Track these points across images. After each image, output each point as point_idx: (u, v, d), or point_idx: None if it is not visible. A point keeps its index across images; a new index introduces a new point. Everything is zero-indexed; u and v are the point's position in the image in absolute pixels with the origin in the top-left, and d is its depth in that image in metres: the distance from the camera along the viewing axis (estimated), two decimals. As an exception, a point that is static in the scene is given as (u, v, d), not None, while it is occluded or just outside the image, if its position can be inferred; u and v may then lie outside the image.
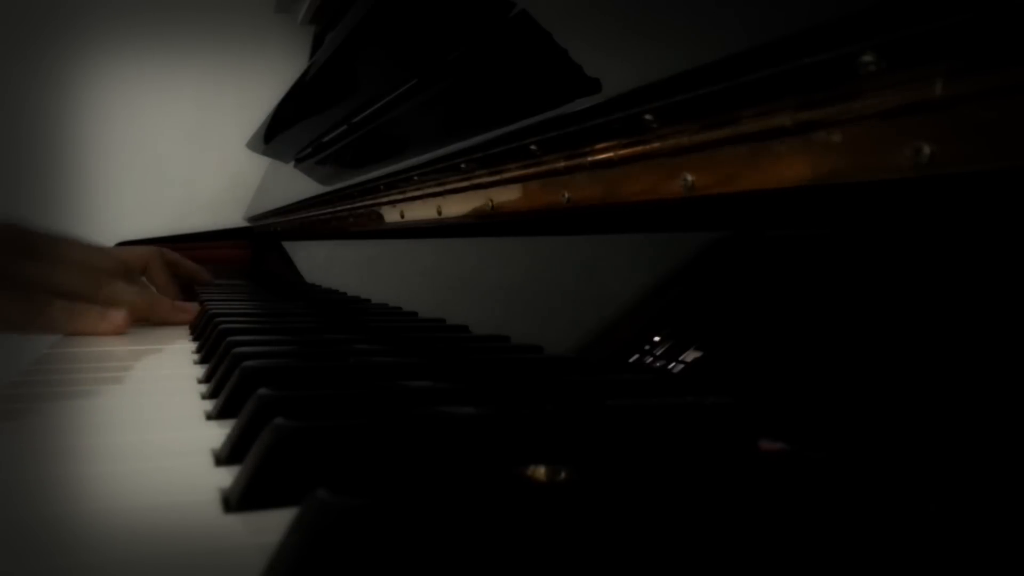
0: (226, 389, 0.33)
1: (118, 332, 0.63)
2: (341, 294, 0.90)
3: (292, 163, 1.32)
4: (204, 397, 0.37)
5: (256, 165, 1.66)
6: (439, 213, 0.60)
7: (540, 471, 0.21)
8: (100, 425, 0.31)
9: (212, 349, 0.48)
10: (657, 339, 0.35)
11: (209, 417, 0.33)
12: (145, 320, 0.69)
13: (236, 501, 0.21)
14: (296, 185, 1.24)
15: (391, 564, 0.15)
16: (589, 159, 0.38)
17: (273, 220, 1.41)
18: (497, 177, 0.48)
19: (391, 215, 0.73)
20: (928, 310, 0.23)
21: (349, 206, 0.88)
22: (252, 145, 1.50)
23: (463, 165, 0.54)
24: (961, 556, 0.16)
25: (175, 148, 1.74)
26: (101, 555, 0.18)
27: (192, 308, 0.74)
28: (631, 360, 0.36)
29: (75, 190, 1.60)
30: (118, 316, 0.63)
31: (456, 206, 0.57)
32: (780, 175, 0.27)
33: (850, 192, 0.25)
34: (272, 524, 0.19)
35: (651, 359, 0.35)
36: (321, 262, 1.17)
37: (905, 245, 0.25)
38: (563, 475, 0.21)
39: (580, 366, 0.39)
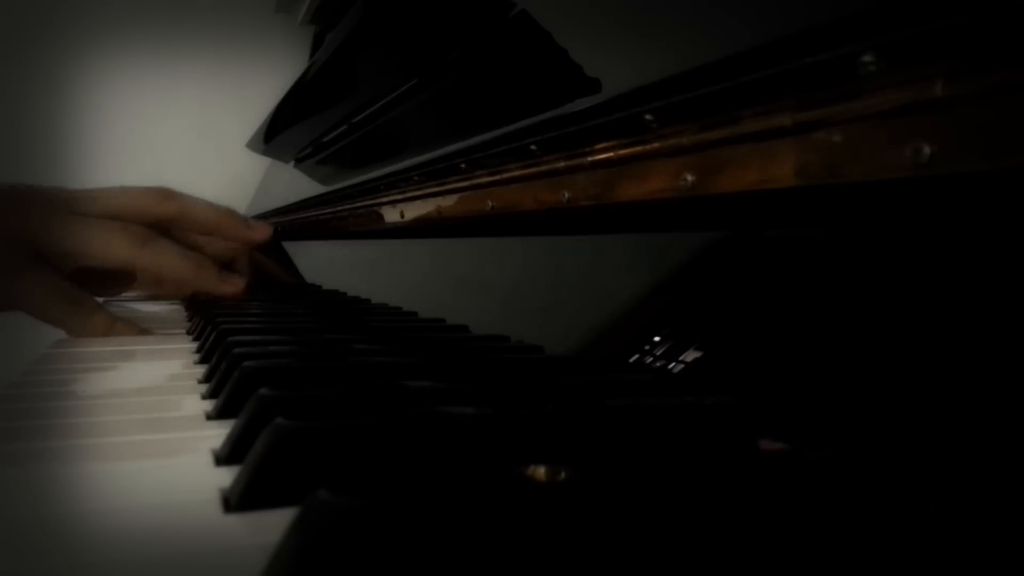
0: (226, 389, 0.33)
1: (122, 335, 0.61)
2: (341, 294, 0.90)
3: (292, 163, 1.32)
4: (204, 397, 0.37)
5: (256, 165, 1.66)
6: (439, 213, 0.60)
7: (540, 471, 0.21)
8: (100, 425, 0.31)
9: (212, 349, 0.48)
10: (657, 339, 0.35)
11: (209, 417, 0.33)
12: (187, 286, 0.65)
13: (236, 501, 0.21)
14: (296, 185, 1.25)
15: (391, 564, 0.15)
16: (589, 159, 0.38)
17: (273, 220, 1.41)
18: (497, 177, 0.48)
19: (391, 215, 0.73)
20: (928, 310, 0.23)
21: (349, 206, 0.88)
22: (252, 145, 1.50)
23: (463, 165, 0.54)
24: (961, 556, 0.16)
25: (175, 148, 1.74)
26: (101, 555, 0.18)
27: (240, 281, 0.68)
28: (631, 360, 0.36)
29: (75, 190, 1.60)
30: (132, 327, 0.61)
31: (456, 206, 0.57)
32: (780, 175, 0.27)
33: (850, 192, 0.25)
34: (272, 524, 0.19)
35: (651, 359, 0.35)
36: (321, 262, 1.17)
37: (905, 245, 0.25)
38: (563, 475, 0.21)
39: (580, 366, 0.39)
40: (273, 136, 1.30)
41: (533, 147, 0.43)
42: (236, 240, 0.68)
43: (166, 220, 0.66)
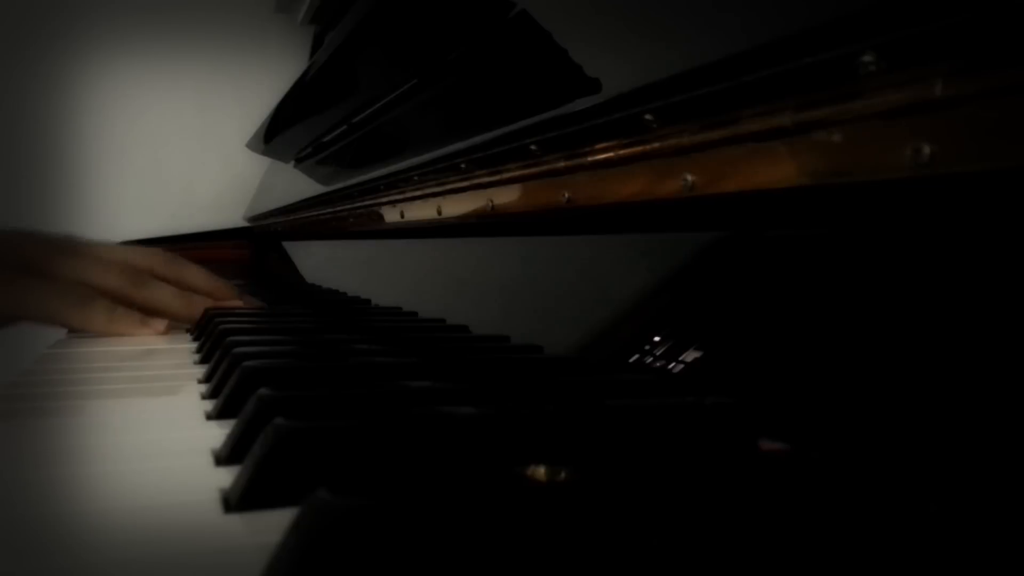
0: (226, 389, 0.33)
1: (158, 334, 0.63)
2: (341, 294, 0.90)
3: (292, 163, 1.32)
4: (204, 397, 0.37)
5: (256, 165, 1.66)
6: (439, 213, 0.60)
7: (540, 471, 0.21)
8: (100, 425, 0.31)
9: (212, 349, 0.48)
10: (657, 339, 0.35)
11: (209, 417, 0.33)
12: (183, 321, 0.68)
13: (236, 501, 0.21)
14: (296, 185, 1.25)
15: (391, 564, 0.15)
16: (589, 159, 0.38)
17: (273, 220, 1.41)
18: (497, 177, 0.48)
19: (391, 215, 0.73)
20: (928, 310, 0.23)
21: (349, 206, 0.88)
22: (252, 145, 1.50)
23: (463, 165, 0.54)
24: (961, 556, 0.16)
25: (175, 148, 1.74)
26: (101, 555, 0.18)
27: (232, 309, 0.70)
28: (631, 360, 0.36)
29: (75, 190, 1.60)
30: (159, 323, 0.63)
31: (456, 206, 0.57)
32: (780, 175, 0.27)
33: (850, 192, 0.25)
34: (272, 524, 0.19)
35: (651, 359, 0.35)
36: (321, 262, 1.17)
37: (905, 245, 0.25)
38: (563, 475, 0.21)
39: (580, 366, 0.39)
40: (273, 136, 1.30)
41: (533, 147, 0.43)
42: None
43: (166, 281, 0.69)
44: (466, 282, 0.61)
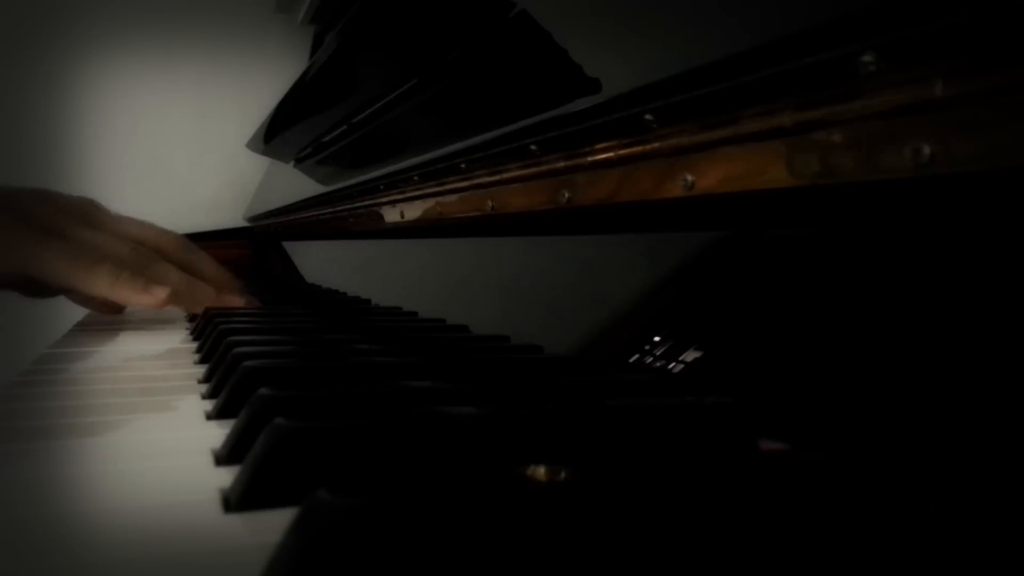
0: (226, 389, 0.33)
1: (157, 307, 0.64)
2: (341, 294, 0.90)
3: (292, 163, 1.32)
4: (204, 397, 0.37)
5: (256, 165, 1.66)
6: (439, 213, 0.60)
7: (540, 471, 0.21)
8: (100, 425, 0.31)
9: (212, 349, 0.48)
10: (657, 339, 0.35)
11: (209, 417, 0.33)
12: (186, 306, 0.69)
13: (236, 501, 0.21)
14: (296, 185, 1.25)
15: (391, 564, 0.15)
16: (589, 159, 0.38)
17: (273, 220, 1.41)
18: (497, 177, 0.48)
19: (391, 215, 0.73)
20: (928, 310, 0.23)
21: (349, 206, 0.88)
22: (252, 145, 1.50)
23: (463, 165, 0.54)
24: (961, 556, 0.16)
25: (175, 148, 1.74)
26: (101, 555, 0.18)
27: (236, 301, 0.72)
28: (631, 360, 0.36)
29: (75, 190, 1.59)
30: (160, 292, 0.64)
31: (456, 206, 0.57)
32: (780, 175, 0.27)
33: (850, 192, 0.25)
34: (272, 524, 0.19)
35: (651, 359, 0.35)
36: (321, 262, 1.17)
37: (905, 245, 0.25)
38: (563, 475, 0.21)
39: (580, 366, 0.39)
40: (273, 136, 1.30)
41: (533, 147, 0.43)
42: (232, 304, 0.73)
43: (174, 263, 0.69)
44: (466, 282, 0.61)
